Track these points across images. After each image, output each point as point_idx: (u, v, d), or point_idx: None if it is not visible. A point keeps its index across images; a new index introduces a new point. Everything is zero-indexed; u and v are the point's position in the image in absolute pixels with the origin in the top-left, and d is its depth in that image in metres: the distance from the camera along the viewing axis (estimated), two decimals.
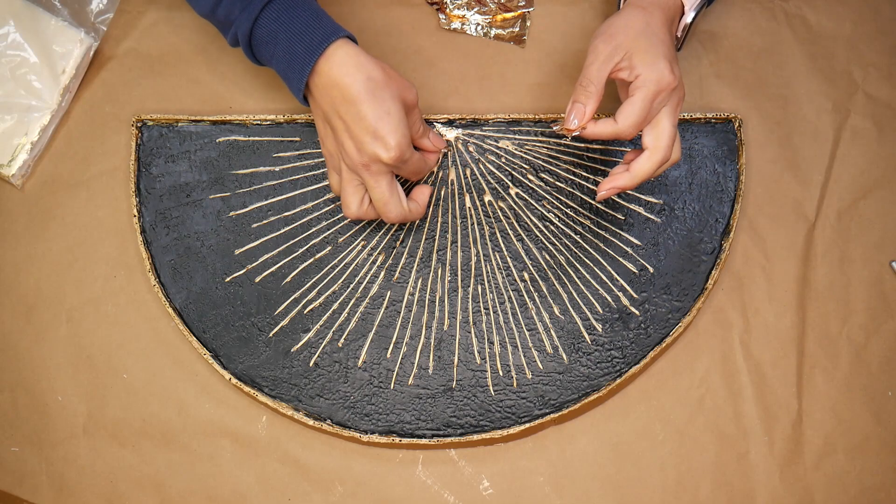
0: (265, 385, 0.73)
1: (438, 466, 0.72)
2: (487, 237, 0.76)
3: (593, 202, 0.76)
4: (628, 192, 0.76)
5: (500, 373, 0.73)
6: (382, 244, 0.76)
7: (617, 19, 0.67)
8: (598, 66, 0.65)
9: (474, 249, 0.75)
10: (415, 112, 0.69)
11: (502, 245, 0.76)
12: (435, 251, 0.76)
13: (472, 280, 0.75)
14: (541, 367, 0.73)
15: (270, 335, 0.74)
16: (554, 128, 0.68)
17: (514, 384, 0.72)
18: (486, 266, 0.75)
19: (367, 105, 0.64)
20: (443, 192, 0.77)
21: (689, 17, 0.71)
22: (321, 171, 0.77)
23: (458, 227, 0.76)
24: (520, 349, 0.73)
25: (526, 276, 0.75)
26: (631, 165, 0.66)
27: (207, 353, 0.73)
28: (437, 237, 0.76)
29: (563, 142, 0.78)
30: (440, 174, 0.77)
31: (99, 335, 0.75)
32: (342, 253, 0.76)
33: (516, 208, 0.76)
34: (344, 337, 0.74)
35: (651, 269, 0.75)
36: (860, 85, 0.80)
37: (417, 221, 0.76)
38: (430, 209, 0.76)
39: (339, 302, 0.75)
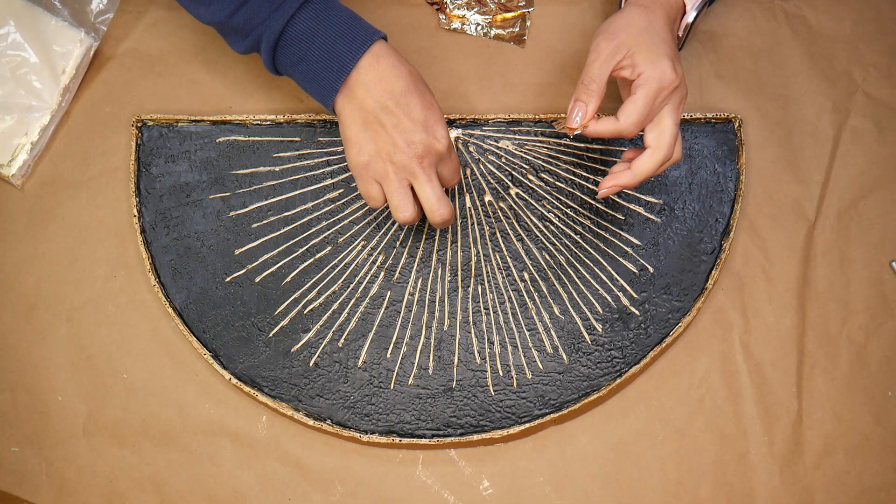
0: (265, 385, 0.73)
1: (438, 466, 0.72)
2: (487, 237, 0.76)
3: (593, 202, 0.76)
4: (628, 191, 0.76)
5: (500, 373, 0.73)
6: (382, 244, 0.76)
7: (619, 17, 0.67)
8: (599, 65, 0.65)
9: (474, 249, 0.75)
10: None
11: (502, 245, 0.76)
12: (435, 251, 0.76)
13: (472, 280, 0.75)
14: (541, 367, 0.73)
15: (270, 335, 0.74)
16: (555, 126, 0.68)
17: (514, 384, 0.72)
18: (486, 266, 0.75)
19: (416, 97, 0.64)
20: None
21: (690, 17, 0.71)
22: (321, 171, 0.77)
23: (458, 227, 0.76)
24: (520, 349, 0.73)
25: (526, 276, 0.75)
26: (633, 163, 0.66)
27: (207, 353, 0.73)
28: (437, 237, 0.76)
29: (563, 142, 0.78)
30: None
31: (99, 335, 0.75)
32: (342, 253, 0.76)
33: (516, 208, 0.76)
34: (344, 337, 0.74)
35: (651, 269, 0.75)
36: (860, 85, 0.80)
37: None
38: None
39: (339, 302, 0.75)
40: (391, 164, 0.65)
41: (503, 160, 0.78)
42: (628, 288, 0.75)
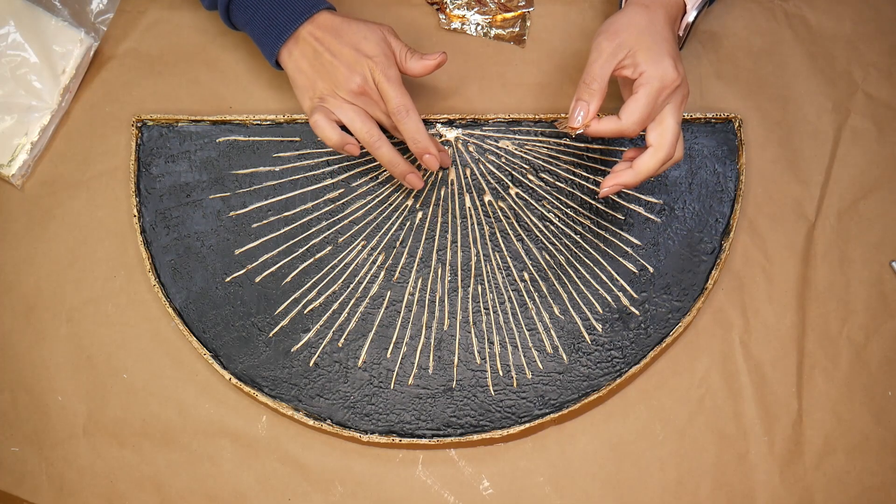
0: (265, 385, 0.73)
1: (438, 466, 0.72)
2: (487, 237, 0.76)
3: (593, 202, 0.76)
4: (628, 191, 0.76)
5: (500, 373, 0.73)
6: (382, 244, 0.76)
7: (620, 17, 0.67)
8: (601, 64, 0.65)
9: (474, 249, 0.75)
10: (395, 40, 0.71)
11: (502, 245, 0.76)
12: (435, 251, 0.76)
13: (472, 280, 0.75)
14: (541, 367, 0.73)
15: (270, 335, 0.74)
16: (557, 126, 0.68)
17: (514, 384, 0.72)
18: (486, 266, 0.75)
19: (345, 33, 0.70)
20: (443, 192, 0.77)
21: (690, 16, 0.71)
22: (321, 170, 0.77)
23: (458, 227, 0.76)
24: (520, 349, 0.73)
25: (526, 276, 0.75)
26: (635, 163, 0.66)
27: (207, 353, 0.73)
28: (437, 237, 0.76)
29: (563, 141, 0.78)
30: (440, 174, 0.77)
31: (99, 335, 0.75)
32: (342, 253, 0.76)
33: (516, 208, 0.76)
34: (344, 337, 0.74)
35: (651, 269, 0.75)
36: (860, 85, 0.80)
37: (418, 220, 0.76)
38: (431, 209, 0.76)
39: (339, 302, 0.75)
40: (343, 98, 0.70)
41: (503, 160, 0.78)
42: (628, 288, 0.75)
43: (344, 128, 0.71)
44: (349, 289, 0.75)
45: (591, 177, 0.77)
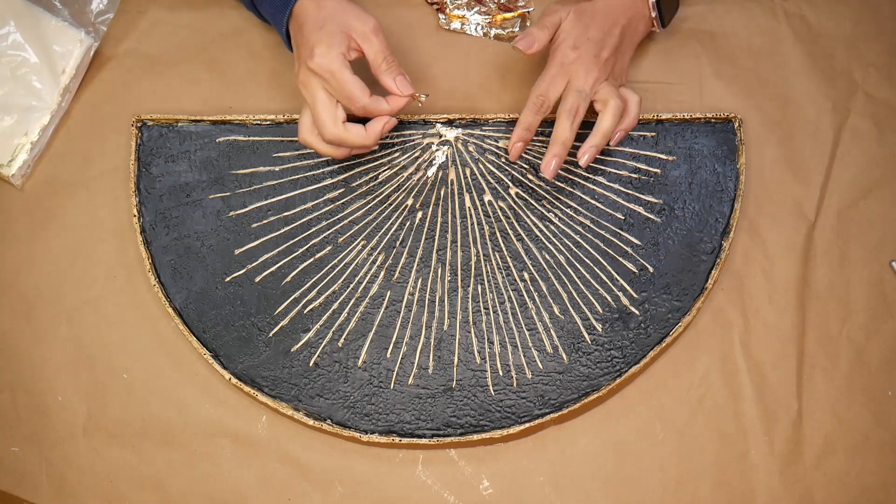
0: (265, 385, 0.73)
1: (438, 466, 0.72)
2: (487, 237, 0.76)
3: (593, 202, 0.76)
4: (628, 191, 0.76)
5: (500, 373, 0.73)
6: (382, 244, 0.76)
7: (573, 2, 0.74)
8: (551, 18, 0.74)
9: (474, 249, 0.75)
10: (372, 41, 0.69)
11: (502, 245, 0.76)
12: (435, 251, 0.76)
13: (472, 280, 0.75)
14: (541, 367, 0.73)
15: (270, 335, 0.74)
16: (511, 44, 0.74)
17: (514, 384, 0.72)
18: (486, 266, 0.75)
19: (309, 25, 0.69)
20: (443, 192, 0.77)
21: None
22: (321, 170, 0.77)
23: (458, 227, 0.76)
24: (520, 349, 0.73)
25: (526, 275, 0.75)
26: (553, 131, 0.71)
27: (207, 353, 0.73)
28: (437, 237, 0.76)
29: None
30: (440, 174, 0.77)
31: (99, 335, 0.75)
32: (342, 253, 0.76)
33: (516, 208, 0.76)
34: (344, 337, 0.74)
35: (651, 269, 0.75)
36: (860, 85, 0.80)
37: (418, 220, 0.76)
38: (431, 209, 0.76)
39: (339, 302, 0.75)
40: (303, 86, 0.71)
41: (503, 160, 0.78)
42: (628, 288, 0.75)
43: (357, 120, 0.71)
44: (349, 289, 0.75)
45: (591, 176, 0.77)
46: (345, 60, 0.68)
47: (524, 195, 0.77)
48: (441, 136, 0.78)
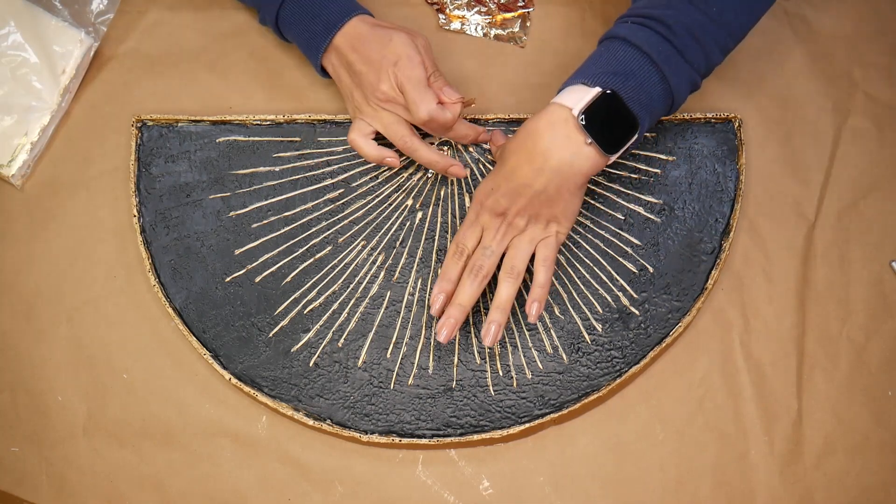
0: (265, 385, 0.73)
1: (438, 466, 0.72)
2: None
3: (593, 202, 0.76)
4: (628, 192, 0.76)
5: (500, 373, 0.73)
6: (382, 244, 0.76)
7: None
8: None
9: None
10: (427, 55, 0.72)
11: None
12: (435, 251, 0.76)
13: None
14: (541, 367, 0.73)
15: (270, 335, 0.74)
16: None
17: (514, 384, 0.72)
18: None
19: (375, 41, 0.71)
20: (443, 192, 0.77)
21: (575, 111, 0.65)
22: (321, 171, 0.77)
23: (458, 227, 0.76)
24: (520, 349, 0.73)
25: (526, 276, 0.75)
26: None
27: (207, 353, 0.73)
28: (437, 237, 0.76)
29: None
30: (440, 174, 0.77)
31: (99, 335, 0.75)
32: (342, 253, 0.76)
33: None
34: (344, 337, 0.74)
35: (651, 269, 0.75)
36: (860, 85, 0.80)
37: (418, 220, 0.76)
38: (431, 209, 0.76)
39: (339, 302, 0.75)
40: (378, 104, 0.72)
41: None
42: (628, 288, 0.75)
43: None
44: (349, 289, 0.75)
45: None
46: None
47: None
48: (441, 137, 0.78)
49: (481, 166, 0.77)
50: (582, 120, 0.64)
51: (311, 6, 0.73)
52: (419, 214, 0.76)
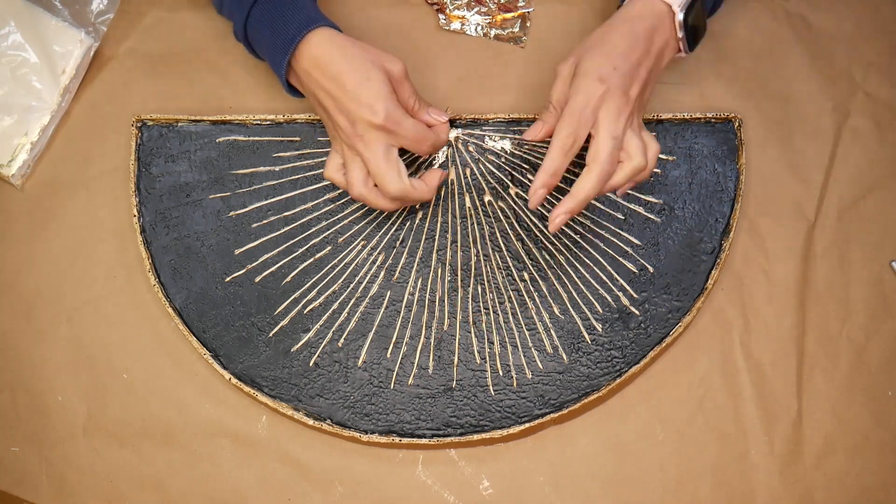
0: (265, 385, 0.73)
1: (438, 466, 0.72)
2: (487, 237, 0.76)
3: (593, 202, 0.76)
4: (628, 191, 0.76)
5: (500, 373, 0.73)
6: (382, 244, 0.76)
7: (583, 40, 0.68)
8: (558, 85, 0.68)
9: (474, 249, 0.75)
10: (405, 85, 0.69)
11: (502, 245, 0.76)
12: (435, 251, 0.76)
13: (472, 280, 0.75)
14: (541, 367, 0.73)
15: (270, 335, 0.74)
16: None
17: (514, 384, 0.72)
18: (486, 266, 0.75)
19: (348, 75, 0.66)
20: (442, 192, 0.77)
21: (680, 16, 0.68)
22: (321, 170, 0.77)
23: (458, 227, 0.76)
24: (520, 349, 0.73)
25: (526, 276, 0.75)
26: (573, 186, 0.66)
27: (207, 353, 0.73)
28: (437, 237, 0.76)
29: None
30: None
31: (99, 335, 0.75)
32: (342, 253, 0.76)
33: (516, 208, 0.76)
34: (344, 337, 0.74)
35: (651, 269, 0.75)
36: (860, 85, 0.80)
37: (418, 220, 0.76)
38: (430, 209, 0.76)
39: (339, 302, 0.75)
40: (343, 142, 0.68)
41: (503, 160, 0.78)
42: (628, 288, 0.75)
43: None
44: (349, 289, 0.75)
45: None
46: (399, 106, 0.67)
47: (524, 195, 0.77)
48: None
49: (481, 166, 0.77)
50: (681, 15, 0.67)
51: (272, 17, 0.68)
52: (419, 214, 0.76)
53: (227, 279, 0.75)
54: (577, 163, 0.68)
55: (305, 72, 0.68)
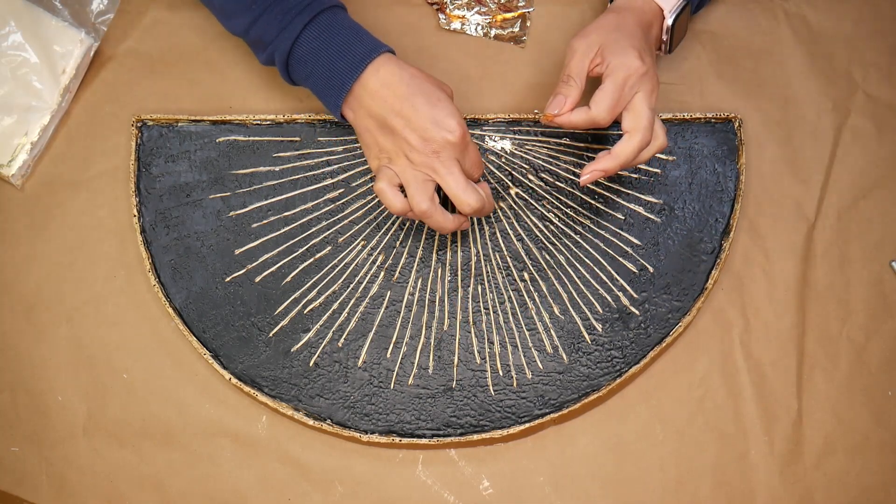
0: (265, 385, 0.73)
1: (438, 466, 0.72)
2: (487, 237, 0.76)
3: (593, 202, 0.76)
4: (628, 191, 0.76)
5: (500, 373, 0.73)
6: (382, 244, 0.76)
7: (591, 22, 0.71)
8: (577, 60, 0.69)
9: (474, 249, 0.75)
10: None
11: (502, 245, 0.76)
12: (435, 251, 0.76)
13: (472, 280, 0.75)
14: (541, 367, 0.73)
15: (270, 335, 0.74)
16: (537, 117, 0.71)
17: (514, 384, 0.72)
18: (486, 266, 0.75)
19: (420, 97, 0.67)
20: (443, 193, 0.77)
21: (669, 20, 0.73)
22: (321, 170, 0.77)
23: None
24: (520, 349, 0.73)
25: (526, 276, 0.75)
26: (613, 148, 0.68)
27: (207, 353, 0.73)
28: (437, 237, 0.76)
29: (563, 141, 0.78)
30: None
31: (99, 335, 0.75)
32: (342, 253, 0.76)
33: (516, 208, 0.76)
34: (344, 337, 0.74)
35: (651, 269, 0.75)
36: (860, 85, 0.80)
37: (418, 221, 0.76)
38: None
39: (339, 302, 0.75)
40: (409, 162, 0.67)
41: (503, 160, 0.78)
42: (628, 288, 0.75)
43: None
44: (349, 289, 0.75)
45: None
46: None
47: (524, 195, 0.77)
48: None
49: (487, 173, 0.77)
50: (670, 20, 0.73)
51: (333, 42, 0.68)
52: None
53: (227, 279, 0.75)
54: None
55: (372, 93, 0.68)
